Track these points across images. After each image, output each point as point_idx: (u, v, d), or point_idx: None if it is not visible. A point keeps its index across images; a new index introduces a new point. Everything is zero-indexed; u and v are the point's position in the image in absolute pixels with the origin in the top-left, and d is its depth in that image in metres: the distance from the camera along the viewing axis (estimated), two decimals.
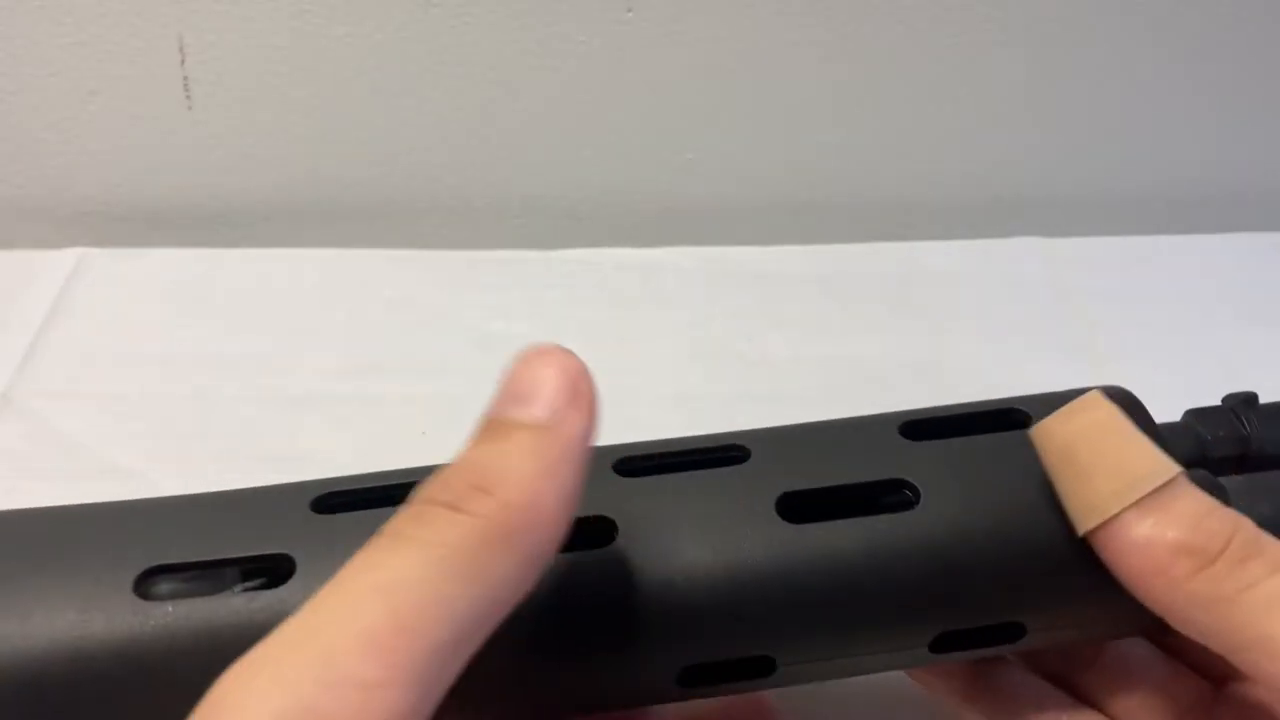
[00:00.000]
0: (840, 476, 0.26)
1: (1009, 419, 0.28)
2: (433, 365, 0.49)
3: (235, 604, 0.23)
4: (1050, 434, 0.25)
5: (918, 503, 0.26)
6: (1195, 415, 0.31)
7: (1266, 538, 0.23)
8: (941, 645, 0.26)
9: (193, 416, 0.45)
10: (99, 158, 0.54)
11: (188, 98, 0.52)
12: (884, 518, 0.26)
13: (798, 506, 0.26)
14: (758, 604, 0.25)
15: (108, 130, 0.53)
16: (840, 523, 0.25)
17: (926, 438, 0.27)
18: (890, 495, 0.26)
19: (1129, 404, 0.28)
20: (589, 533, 0.25)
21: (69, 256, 0.53)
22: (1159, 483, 0.23)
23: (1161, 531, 0.23)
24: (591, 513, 0.25)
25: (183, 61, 0.51)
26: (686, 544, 0.25)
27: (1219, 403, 0.32)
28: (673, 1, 0.51)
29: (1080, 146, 0.58)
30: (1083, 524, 0.24)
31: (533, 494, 0.20)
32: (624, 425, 0.27)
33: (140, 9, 0.50)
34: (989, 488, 0.26)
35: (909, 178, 0.58)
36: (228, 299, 0.51)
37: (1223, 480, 0.28)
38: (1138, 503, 0.23)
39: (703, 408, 0.47)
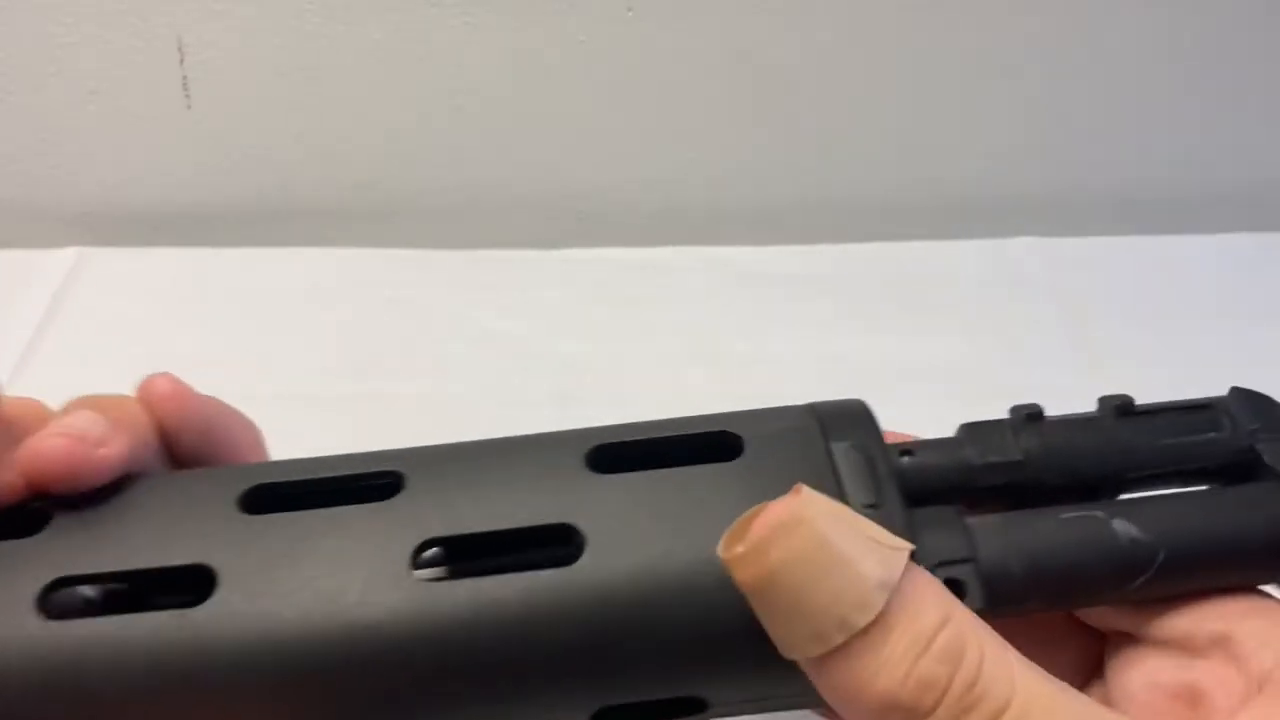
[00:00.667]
0: (497, 519, 0.23)
1: (718, 444, 0.25)
2: (433, 365, 0.49)
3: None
4: (742, 563, 0.20)
5: (581, 555, 0.22)
6: (969, 431, 0.27)
7: (989, 673, 0.20)
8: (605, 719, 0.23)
9: None
10: (99, 158, 0.54)
11: (187, 97, 0.52)
12: (538, 576, 0.22)
13: (443, 554, 0.23)
14: (377, 676, 0.22)
15: (108, 130, 0.53)
16: (482, 581, 0.22)
17: (616, 467, 0.24)
18: (555, 543, 0.23)
19: (857, 420, 0.25)
20: (186, 585, 0.22)
21: (68, 255, 0.53)
22: (864, 623, 0.19)
23: (868, 681, 0.19)
24: (191, 560, 0.22)
25: (182, 61, 0.51)
26: (295, 601, 0.22)
27: (1007, 414, 0.27)
28: (673, 1, 0.51)
29: (1080, 147, 0.58)
30: (785, 652, 0.20)
31: None
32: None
33: (140, 9, 0.50)
34: (672, 539, 0.23)
35: (909, 178, 0.58)
36: (227, 298, 0.51)
37: (977, 521, 0.24)
38: (840, 646, 0.19)
39: (703, 407, 0.47)
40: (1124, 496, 0.26)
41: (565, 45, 0.52)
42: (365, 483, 0.24)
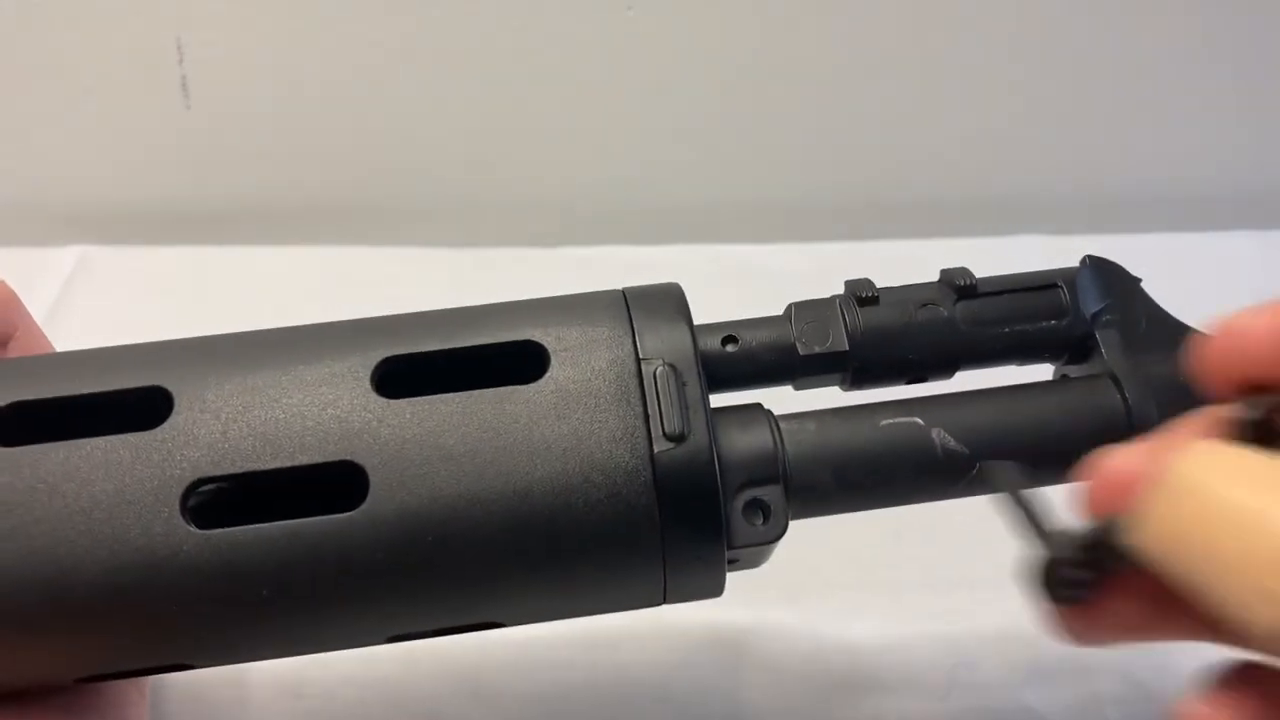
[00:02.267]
0: (275, 456, 0.22)
1: (520, 352, 0.24)
2: None
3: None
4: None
5: (365, 497, 0.22)
6: (798, 311, 0.26)
7: None
8: (400, 639, 0.24)
9: None
10: (99, 157, 0.54)
11: (186, 97, 0.52)
12: (314, 522, 0.21)
13: (215, 500, 0.23)
14: (163, 612, 0.22)
15: (107, 130, 0.53)
16: (254, 529, 0.21)
17: (406, 385, 0.23)
18: (340, 482, 0.22)
19: (671, 319, 0.24)
20: None
21: (70, 254, 0.53)
22: None
23: None
24: None
25: (181, 61, 0.51)
26: (74, 536, 0.21)
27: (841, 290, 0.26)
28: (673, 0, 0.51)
29: (1081, 146, 0.58)
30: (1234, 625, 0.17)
31: None
32: None
33: (138, 9, 0.50)
34: (460, 480, 0.22)
35: (911, 175, 0.58)
36: (227, 298, 0.51)
37: (790, 426, 0.24)
38: None
39: None
40: (946, 391, 0.26)
41: (565, 44, 0.52)
42: (127, 411, 0.23)
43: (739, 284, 0.53)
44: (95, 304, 0.51)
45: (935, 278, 0.27)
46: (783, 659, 0.38)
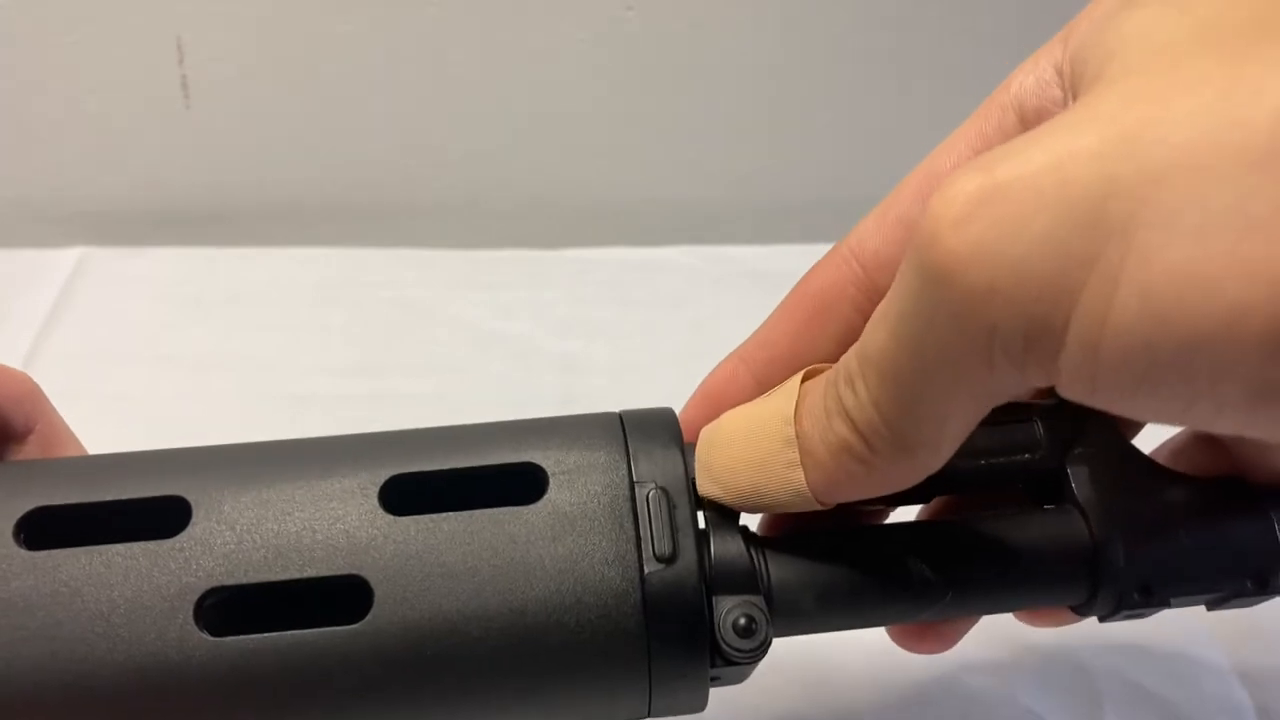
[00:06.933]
0: (284, 568, 0.23)
1: (521, 473, 0.25)
2: (433, 365, 0.49)
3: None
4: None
5: (369, 610, 0.23)
6: None
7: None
8: None
9: (193, 416, 0.46)
10: (99, 157, 0.54)
11: (186, 97, 0.53)
12: (320, 633, 0.22)
13: (226, 607, 0.23)
14: (175, 714, 0.22)
15: (107, 130, 0.53)
16: (263, 638, 0.22)
17: (412, 503, 0.24)
18: (346, 594, 0.23)
19: (665, 445, 0.25)
20: None
21: (70, 256, 0.53)
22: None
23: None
24: None
25: (181, 61, 0.51)
26: (92, 639, 0.22)
27: None
28: (673, 0, 0.51)
29: None
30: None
31: None
32: None
33: (138, 9, 0.50)
34: (460, 597, 0.23)
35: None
36: (228, 299, 0.51)
37: (774, 550, 0.25)
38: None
39: None
40: (919, 519, 0.28)
41: (565, 44, 0.52)
42: (144, 521, 0.24)
43: (739, 285, 0.53)
44: (95, 304, 0.51)
45: None
46: (778, 658, 0.37)
